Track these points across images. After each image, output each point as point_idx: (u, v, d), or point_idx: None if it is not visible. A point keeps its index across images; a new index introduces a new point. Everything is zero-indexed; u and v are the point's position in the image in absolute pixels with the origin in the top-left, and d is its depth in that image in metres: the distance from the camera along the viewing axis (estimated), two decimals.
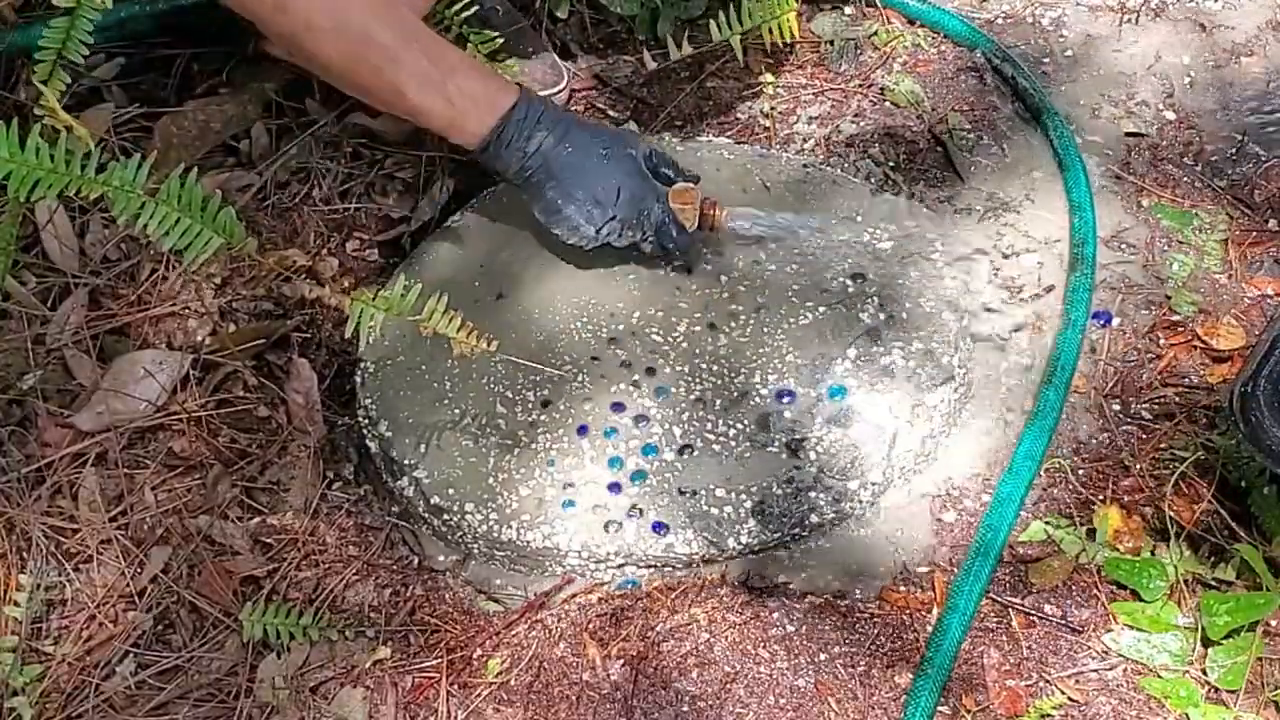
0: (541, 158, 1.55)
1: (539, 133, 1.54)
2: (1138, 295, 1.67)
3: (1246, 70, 1.91)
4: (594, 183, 1.56)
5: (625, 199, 1.57)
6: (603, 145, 1.58)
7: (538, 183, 1.56)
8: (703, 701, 1.36)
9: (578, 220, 1.57)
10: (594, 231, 1.58)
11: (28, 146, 1.34)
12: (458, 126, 1.53)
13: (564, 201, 1.56)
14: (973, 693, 1.36)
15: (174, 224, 1.38)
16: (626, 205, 1.57)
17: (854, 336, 1.57)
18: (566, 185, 1.55)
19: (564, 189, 1.56)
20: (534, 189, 1.57)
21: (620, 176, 1.57)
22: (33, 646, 1.42)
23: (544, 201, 1.57)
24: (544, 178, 1.55)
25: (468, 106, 1.52)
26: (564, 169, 1.55)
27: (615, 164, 1.57)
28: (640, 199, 1.58)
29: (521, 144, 1.54)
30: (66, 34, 1.50)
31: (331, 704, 1.38)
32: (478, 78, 1.54)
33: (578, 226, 1.58)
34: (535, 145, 1.54)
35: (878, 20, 1.99)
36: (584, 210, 1.56)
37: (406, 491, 1.52)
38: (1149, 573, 1.41)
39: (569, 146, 1.55)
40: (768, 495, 1.46)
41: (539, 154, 1.54)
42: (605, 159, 1.57)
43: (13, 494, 1.51)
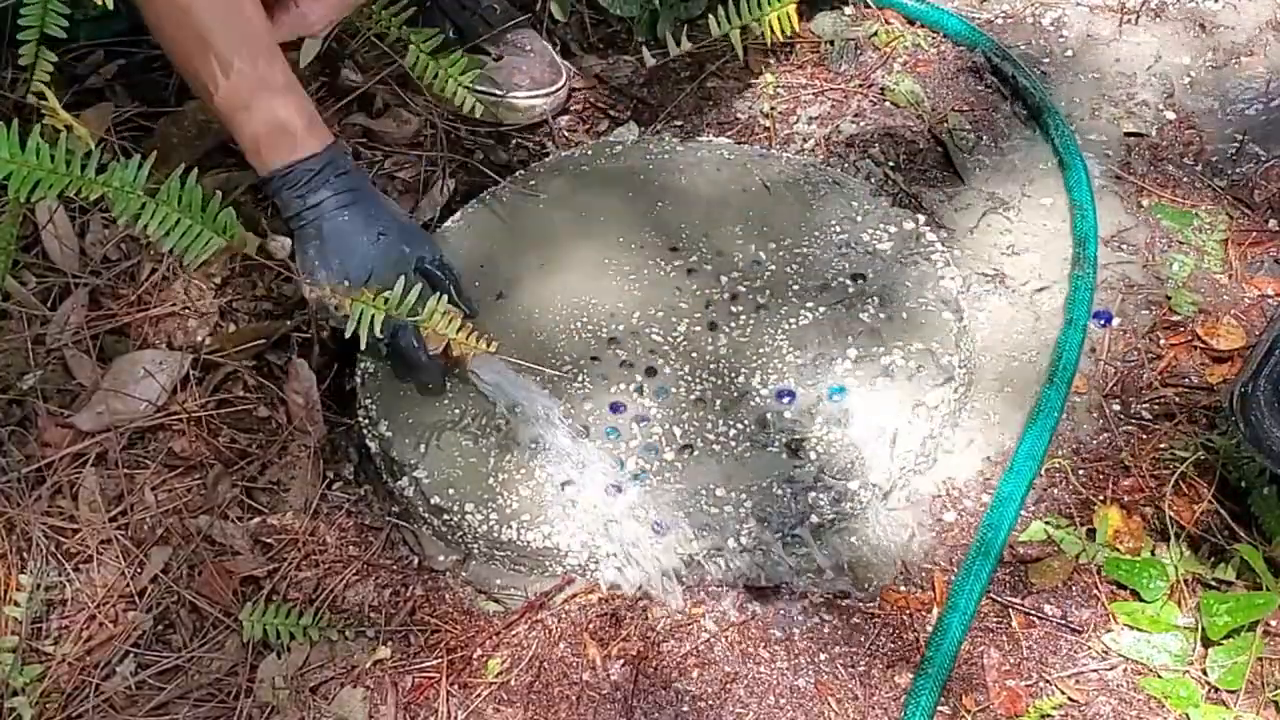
0: (317, 214, 1.51)
1: (323, 190, 1.51)
2: (1138, 295, 1.67)
3: (1246, 70, 1.91)
4: (351, 259, 1.51)
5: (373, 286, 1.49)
6: (381, 227, 1.53)
7: (303, 235, 1.52)
8: (703, 701, 1.36)
9: (320, 275, 1.52)
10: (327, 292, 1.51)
11: (28, 147, 1.34)
12: (254, 149, 1.51)
13: (320, 263, 1.51)
14: (973, 693, 1.36)
15: (174, 224, 1.38)
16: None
17: (854, 336, 1.57)
18: (327, 249, 1.51)
19: (323, 251, 1.51)
20: (298, 238, 1.53)
21: (382, 263, 1.51)
22: (33, 646, 1.42)
23: (302, 256, 1.53)
24: (311, 233, 1.52)
25: (270, 135, 1.50)
26: (330, 235, 1.51)
27: (384, 252, 1.52)
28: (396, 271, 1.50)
29: (302, 192, 1.51)
30: (44, 8, 1.50)
31: (331, 704, 1.38)
32: (294, 112, 1.51)
33: (318, 282, 1.51)
34: (316, 200, 1.51)
35: (878, 20, 1.99)
36: (333, 282, 1.51)
37: (406, 491, 1.52)
38: (1149, 573, 1.41)
39: (346, 214, 1.52)
40: (768, 495, 1.46)
41: (316, 209, 1.51)
42: (375, 243, 1.52)
43: (13, 494, 1.51)
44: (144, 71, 1.85)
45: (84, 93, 1.81)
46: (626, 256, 1.66)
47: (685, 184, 1.74)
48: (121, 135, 1.77)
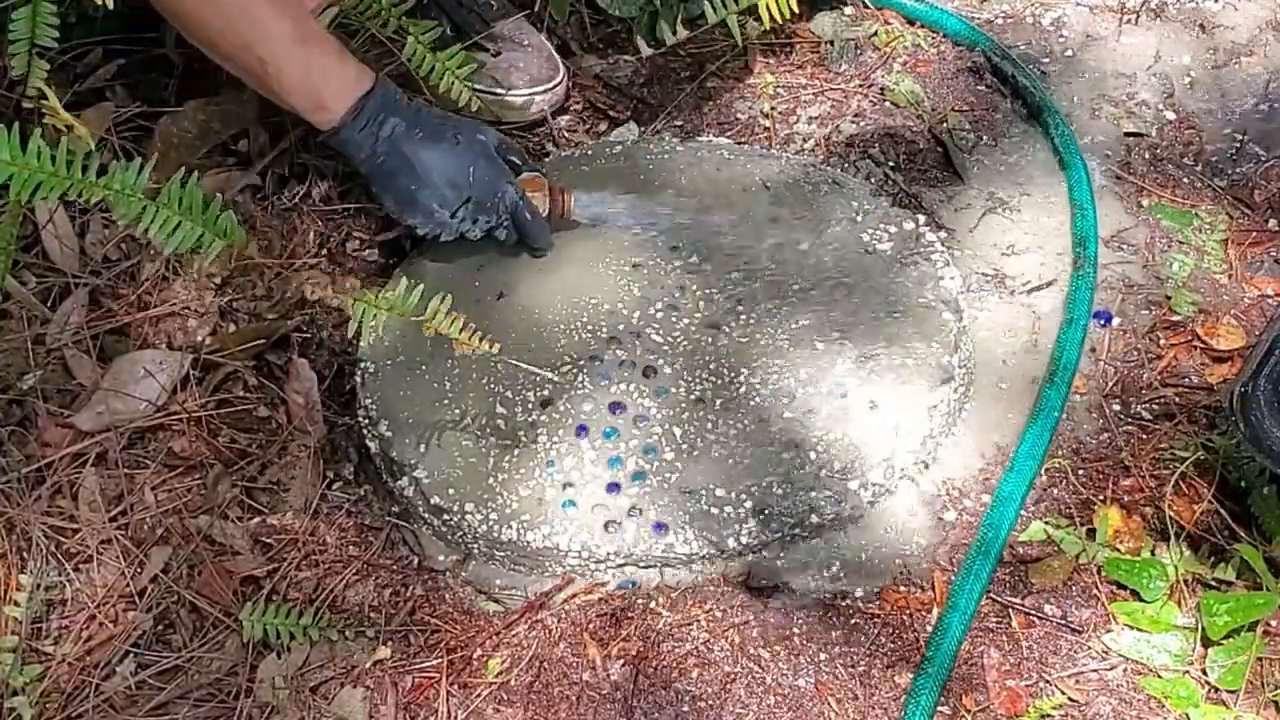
0: (394, 143, 1.55)
1: (393, 118, 1.55)
2: (1138, 295, 1.67)
3: (1246, 70, 1.91)
4: (447, 165, 1.56)
5: (479, 181, 1.57)
6: (454, 130, 1.59)
7: (390, 169, 1.56)
8: (703, 701, 1.36)
9: (432, 205, 1.57)
10: (449, 216, 1.58)
11: (29, 149, 1.34)
12: (316, 103, 1.53)
13: (418, 187, 1.56)
14: (973, 693, 1.36)
15: (175, 227, 1.38)
16: (480, 187, 1.57)
17: (854, 336, 1.57)
18: (421, 169, 1.55)
19: (418, 173, 1.55)
20: (386, 176, 1.57)
21: (473, 159, 1.58)
22: (33, 646, 1.42)
23: (396, 189, 1.57)
24: (398, 163, 1.55)
25: (328, 84, 1.52)
26: (418, 153, 1.55)
27: (467, 148, 1.58)
28: (494, 181, 1.58)
29: (375, 128, 1.54)
30: (32, 20, 1.51)
31: (331, 704, 1.38)
32: (338, 57, 1.54)
33: (433, 212, 1.57)
34: (389, 130, 1.54)
35: (878, 20, 1.99)
36: (439, 194, 1.56)
37: (406, 491, 1.52)
38: (1149, 573, 1.41)
39: (420, 131, 1.56)
40: (768, 495, 1.46)
41: (392, 139, 1.54)
42: (456, 143, 1.57)
43: (13, 494, 1.51)
44: (143, 71, 1.85)
45: (84, 93, 1.81)
46: (627, 256, 1.66)
47: (685, 184, 1.74)
48: (122, 135, 1.77)
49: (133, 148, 1.74)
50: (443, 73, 1.73)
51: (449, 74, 1.73)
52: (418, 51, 1.73)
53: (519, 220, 1.61)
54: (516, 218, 1.61)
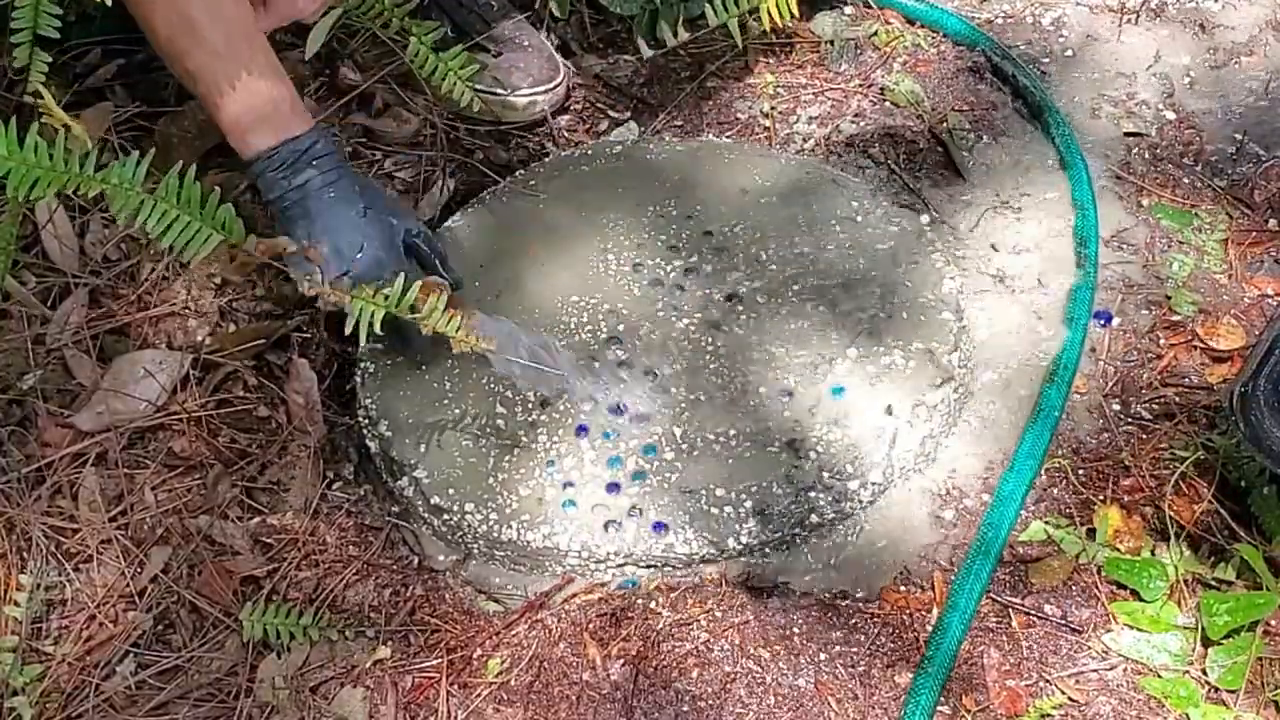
0: (302, 193, 1.52)
1: (309, 170, 1.52)
2: (1138, 295, 1.67)
3: (1246, 70, 1.91)
4: (341, 235, 1.52)
5: (367, 260, 1.52)
6: (366, 204, 1.55)
7: (289, 216, 1.53)
8: (703, 701, 1.36)
9: (312, 266, 1.52)
10: (321, 280, 1.51)
11: (26, 145, 1.34)
12: (237, 132, 1.52)
13: (306, 243, 1.52)
14: (973, 693, 1.36)
15: (173, 221, 1.38)
16: (364, 267, 1.52)
17: (854, 336, 1.57)
18: (314, 228, 1.52)
19: (310, 230, 1.52)
20: (284, 220, 1.54)
21: (371, 238, 1.53)
22: (33, 646, 1.42)
23: (291, 235, 1.53)
24: (297, 214, 1.53)
25: (254, 117, 1.51)
26: (316, 213, 1.52)
27: (369, 225, 1.54)
28: (378, 268, 1.52)
29: (288, 174, 1.52)
30: (35, 10, 1.50)
31: (331, 704, 1.38)
32: (277, 94, 1.52)
33: (311, 273, 1.52)
34: (300, 180, 1.52)
35: (878, 20, 1.99)
36: (329, 264, 1.51)
37: (406, 491, 1.52)
38: (1149, 573, 1.41)
39: (331, 193, 1.53)
40: (768, 495, 1.46)
41: (302, 189, 1.52)
42: (363, 216, 1.54)
43: (13, 494, 1.51)
44: (143, 71, 1.85)
45: (84, 92, 1.81)
46: (626, 256, 1.66)
47: (685, 184, 1.74)
48: (122, 135, 1.77)
49: (132, 148, 1.74)
50: (445, 73, 1.73)
51: (451, 74, 1.73)
52: (420, 52, 1.73)
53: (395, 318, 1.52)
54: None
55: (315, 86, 1.84)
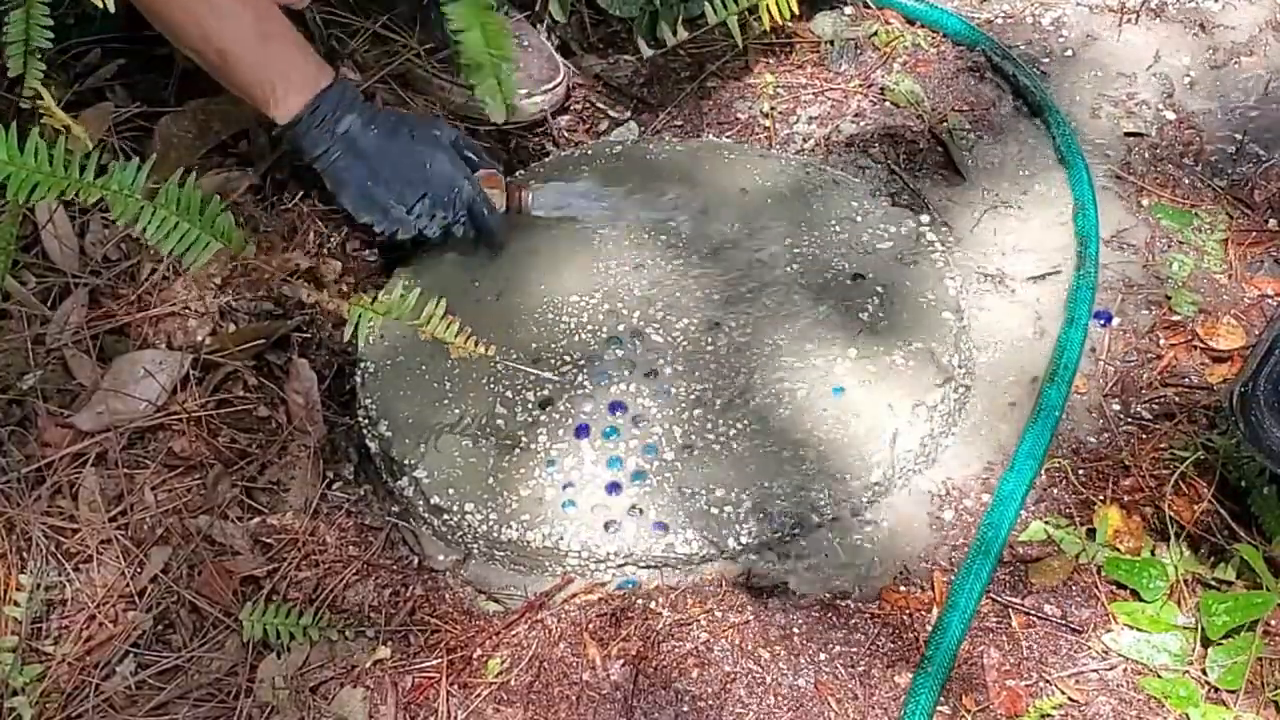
0: (350, 140, 1.55)
1: (349, 115, 1.55)
2: (1138, 295, 1.67)
3: (1246, 70, 1.91)
4: (402, 162, 1.56)
5: (435, 177, 1.57)
6: (409, 127, 1.59)
7: (345, 165, 1.56)
8: (703, 701, 1.36)
9: (388, 202, 1.57)
10: (405, 212, 1.58)
11: (27, 149, 1.33)
12: (272, 99, 1.53)
13: (373, 184, 1.56)
14: (973, 693, 1.36)
15: (172, 228, 1.38)
16: (437, 183, 1.57)
17: (854, 336, 1.57)
18: (374, 165, 1.55)
19: (372, 169, 1.55)
20: (341, 172, 1.57)
21: (429, 155, 1.58)
22: (33, 646, 1.42)
23: (352, 186, 1.57)
24: (351, 160, 1.55)
25: (286, 78, 1.53)
26: (373, 150, 1.55)
27: (423, 144, 1.58)
28: (450, 177, 1.58)
29: (331, 125, 1.54)
30: (26, 22, 1.50)
31: (331, 704, 1.38)
32: (299, 52, 1.55)
33: (388, 209, 1.57)
34: (345, 127, 1.55)
35: (878, 20, 1.99)
36: (394, 190, 1.57)
37: (406, 491, 1.52)
38: (1149, 573, 1.41)
39: (376, 128, 1.56)
40: (768, 495, 1.46)
41: (348, 136, 1.55)
42: (412, 139, 1.57)
43: (13, 494, 1.51)
44: (143, 71, 1.85)
45: (83, 92, 1.81)
46: (626, 256, 1.66)
47: (685, 184, 1.74)
48: (122, 135, 1.77)
49: (132, 148, 1.74)
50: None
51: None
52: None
53: (476, 216, 1.60)
54: (473, 213, 1.60)
55: None
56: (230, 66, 1.51)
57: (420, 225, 1.60)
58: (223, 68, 1.52)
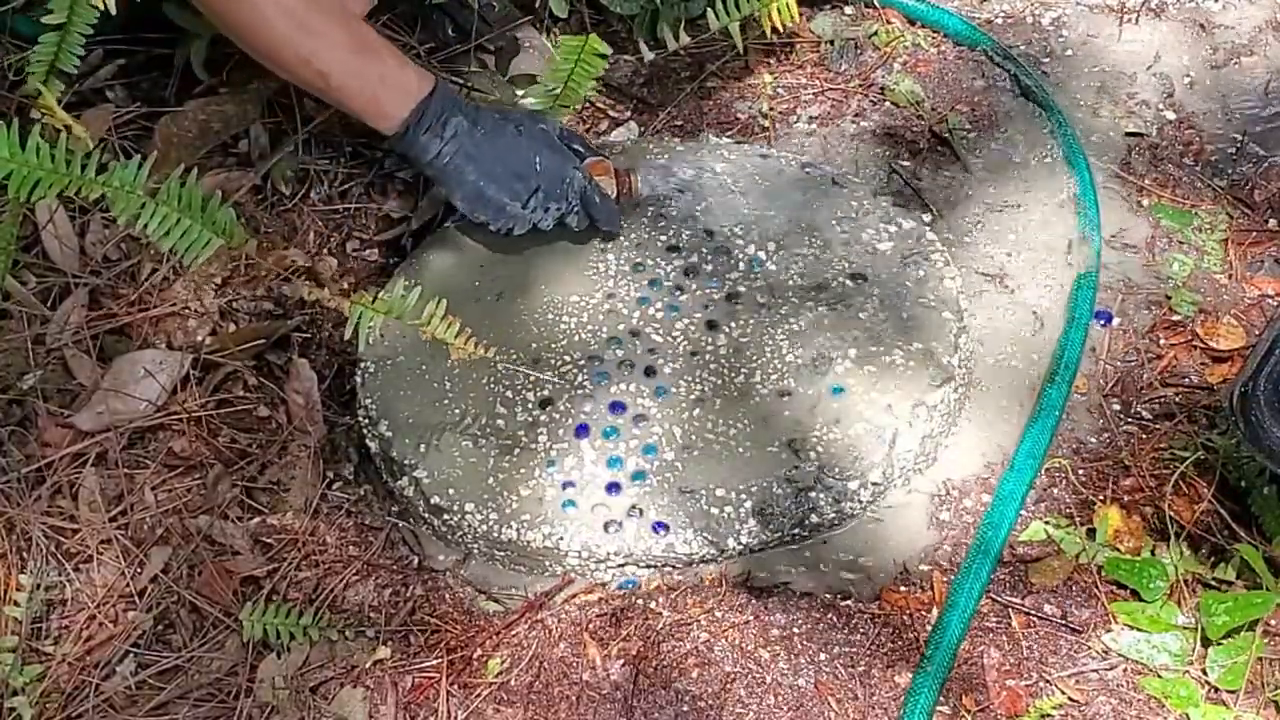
0: (458, 142, 1.56)
1: (455, 118, 1.56)
2: (1138, 295, 1.67)
3: (1246, 70, 1.91)
4: (513, 158, 1.58)
5: (546, 170, 1.59)
6: (514, 123, 1.60)
7: (456, 167, 1.57)
8: (703, 701, 1.36)
9: (502, 199, 1.58)
10: (520, 208, 1.59)
11: (28, 146, 1.34)
12: (379, 111, 1.55)
13: (485, 182, 1.57)
14: (973, 692, 1.36)
15: (174, 225, 1.38)
16: (548, 176, 1.59)
17: (854, 336, 1.57)
18: (486, 164, 1.57)
19: (484, 168, 1.57)
20: (453, 174, 1.58)
21: (537, 148, 1.59)
22: (33, 646, 1.42)
23: (465, 187, 1.58)
24: (462, 161, 1.57)
25: (389, 91, 1.54)
26: (482, 149, 1.57)
27: (530, 139, 1.60)
28: (560, 168, 1.60)
29: (439, 130, 1.55)
30: (58, 47, 1.51)
31: (331, 704, 1.38)
32: (397, 63, 1.56)
33: (504, 206, 1.59)
34: (452, 130, 1.56)
35: (878, 20, 1.99)
36: (507, 187, 1.58)
37: (406, 491, 1.52)
38: (1149, 573, 1.41)
39: (482, 128, 1.58)
40: (768, 495, 1.46)
41: (456, 139, 1.56)
42: (519, 135, 1.59)
43: (13, 494, 1.51)
44: (144, 72, 1.85)
45: (84, 92, 1.81)
46: (626, 256, 1.66)
47: (685, 184, 1.74)
48: (122, 136, 1.77)
49: (133, 148, 1.74)
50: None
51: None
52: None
53: (589, 204, 1.62)
54: (586, 202, 1.62)
55: None
56: (333, 85, 1.52)
57: (535, 219, 1.61)
58: (326, 88, 1.53)
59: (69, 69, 1.52)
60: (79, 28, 1.52)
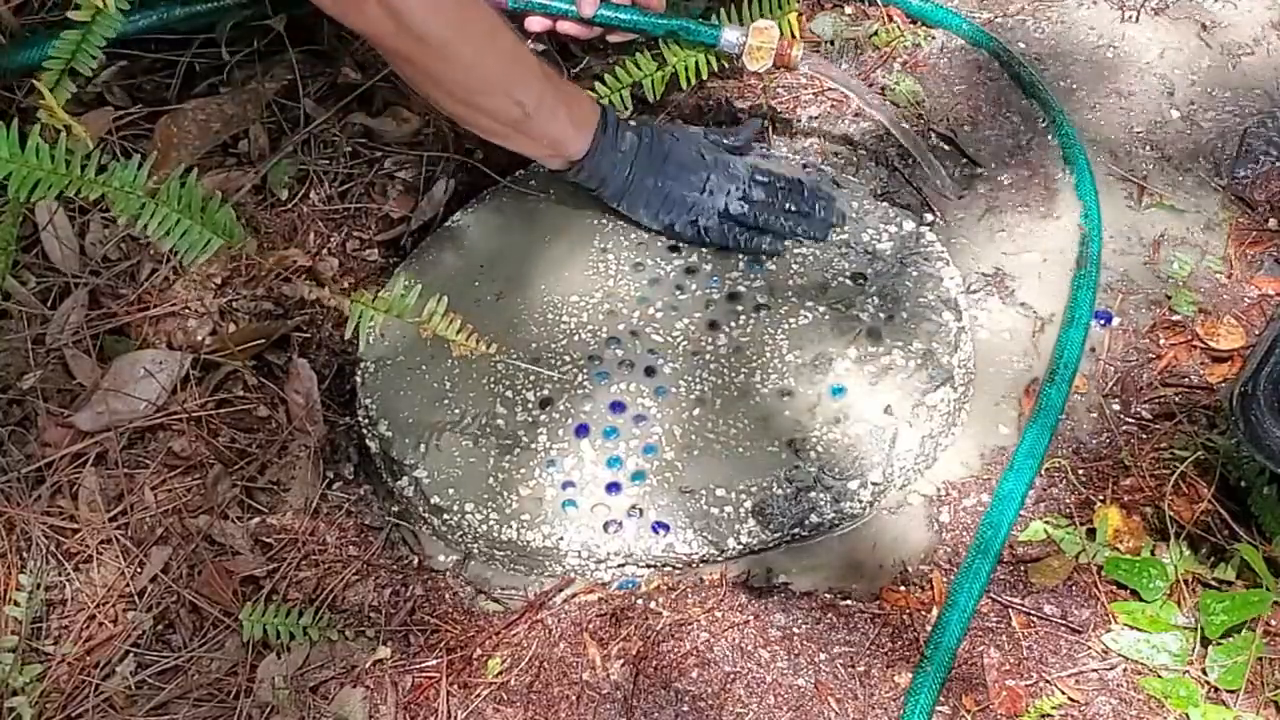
0: (631, 157, 1.58)
1: (627, 132, 1.58)
2: (1138, 295, 1.67)
3: (1247, 70, 1.91)
4: (681, 155, 1.61)
5: (709, 157, 1.62)
6: (672, 132, 1.64)
7: (640, 179, 1.59)
8: (703, 701, 1.36)
9: (684, 193, 1.60)
10: (699, 195, 1.60)
11: (28, 147, 1.34)
12: (564, 140, 1.55)
13: (666, 182, 1.60)
14: (972, 692, 1.36)
15: (174, 224, 1.38)
16: (714, 161, 1.62)
17: (854, 336, 1.57)
18: (663, 168, 1.59)
19: (664, 172, 1.59)
20: (638, 187, 1.60)
21: (693, 140, 1.64)
22: (33, 646, 1.42)
23: (650, 194, 1.60)
24: (643, 172, 1.59)
25: (573, 117, 1.55)
26: (654, 155, 1.59)
27: (684, 136, 1.64)
28: (716, 153, 1.64)
29: (618, 149, 1.57)
30: (77, 47, 1.51)
31: (331, 704, 1.38)
32: (569, 84, 1.59)
33: (686, 198, 1.60)
34: (627, 144, 1.58)
35: (878, 20, 1.98)
36: (686, 181, 1.60)
37: (406, 491, 1.52)
38: (1149, 572, 1.41)
39: (646, 138, 1.60)
40: (768, 495, 1.46)
41: (631, 154, 1.58)
42: (675, 138, 1.62)
43: (13, 494, 1.51)
44: (145, 73, 1.85)
45: (84, 93, 1.81)
46: (626, 256, 1.66)
47: None
48: (122, 136, 1.77)
49: (133, 148, 1.74)
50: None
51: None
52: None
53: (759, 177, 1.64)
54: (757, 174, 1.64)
55: (316, 86, 1.84)
56: (532, 118, 1.51)
57: (716, 204, 1.61)
58: (524, 121, 1.52)
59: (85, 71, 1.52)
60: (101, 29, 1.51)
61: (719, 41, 1.68)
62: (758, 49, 1.66)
